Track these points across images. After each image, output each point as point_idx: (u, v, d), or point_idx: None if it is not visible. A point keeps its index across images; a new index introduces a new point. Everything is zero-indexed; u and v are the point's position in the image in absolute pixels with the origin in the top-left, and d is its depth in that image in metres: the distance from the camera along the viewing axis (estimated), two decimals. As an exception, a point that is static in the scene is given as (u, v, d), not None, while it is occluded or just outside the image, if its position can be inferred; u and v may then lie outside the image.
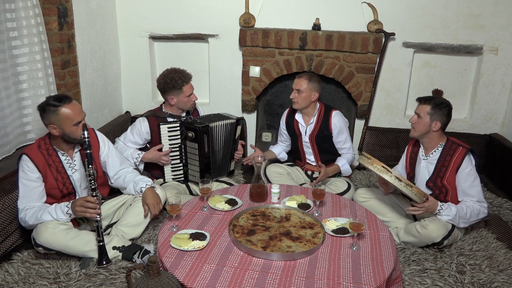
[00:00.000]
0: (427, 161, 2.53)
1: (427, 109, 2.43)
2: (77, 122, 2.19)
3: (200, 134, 2.76)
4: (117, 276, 2.11)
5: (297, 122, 3.09)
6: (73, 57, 3.04)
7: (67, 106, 2.16)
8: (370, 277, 1.77)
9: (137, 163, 2.83)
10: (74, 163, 2.34)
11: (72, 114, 2.16)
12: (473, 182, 2.39)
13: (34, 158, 2.20)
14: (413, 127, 2.51)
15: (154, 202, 2.38)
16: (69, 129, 2.18)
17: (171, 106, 2.89)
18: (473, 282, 2.15)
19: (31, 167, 2.18)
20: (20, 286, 2.02)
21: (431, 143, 2.51)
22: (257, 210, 2.27)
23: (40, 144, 2.26)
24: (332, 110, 3.02)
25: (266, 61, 3.57)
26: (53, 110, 2.14)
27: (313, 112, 3.02)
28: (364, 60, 3.48)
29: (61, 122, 2.15)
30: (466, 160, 2.39)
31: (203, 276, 1.75)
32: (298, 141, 3.12)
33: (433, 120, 2.43)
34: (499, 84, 3.57)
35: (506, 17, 3.39)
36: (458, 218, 2.34)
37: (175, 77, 2.78)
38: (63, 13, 2.87)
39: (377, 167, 2.29)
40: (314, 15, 3.48)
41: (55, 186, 2.26)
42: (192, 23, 3.65)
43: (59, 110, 2.14)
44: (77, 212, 2.13)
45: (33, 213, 2.15)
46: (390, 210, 2.64)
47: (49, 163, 2.25)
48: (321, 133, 3.01)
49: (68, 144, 2.29)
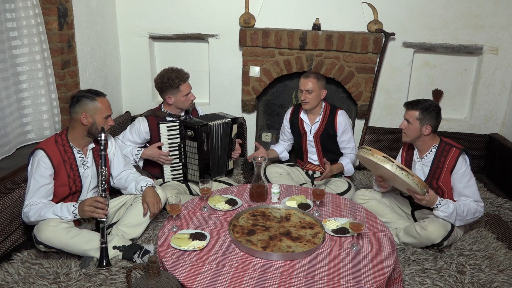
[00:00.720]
0: (422, 163, 2.53)
1: (416, 115, 2.42)
2: (108, 115, 2.33)
3: (200, 132, 2.76)
4: (117, 276, 2.11)
5: (302, 121, 3.10)
6: (73, 57, 3.04)
7: (102, 100, 2.32)
8: (370, 277, 1.77)
9: (136, 160, 2.84)
10: (87, 159, 2.37)
11: (105, 107, 2.32)
12: (468, 182, 2.39)
13: (51, 153, 2.22)
14: (404, 132, 2.50)
15: (154, 200, 2.39)
16: (100, 120, 2.29)
17: (170, 106, 2.89)
18: (473, 282, 2.15)
19: (46, 163, 2.19)
20: (20, 286, 2.02)
21: (424, 145, 2.51)
22: (257, 210, 2.27)
23: (57, 140, 2.29)
24: (338, 109, 3.04)
25: (266, 61, 3.57)
26: (92, 99, 2.27)
27: (319, 111, 3.04)
28: (364, 60, 3.48)
29: (95, 111, 2.26)
30: (460, 161, 2.39)
31: (203, 276, 1.75)
32: (302, 140, 3.13)
33: (423, 125, 2.42)
34: (499, 84, 3.57)
35: (506, 17, 3.39)
36: (455, 216, 2.33)
37: (172, 76, 2.79)
38: (63, 13, 2.87)
39: (378, 157, 2.26)
40: (314, 15, 3.48)
41: (66, 182, 2.27)
42: (192, 23, 3.65)
43: (97, 101, 2.28)
44: (86, 211, 2.14)
45: (37, 210, 2.15)
46: (389, 211, 2.63)
47: (65, 159, 2.27)
48: (326, 132, 3.02)
49: (85, 141, 2.34)
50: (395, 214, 2.63)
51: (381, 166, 2.26)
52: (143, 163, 2.93)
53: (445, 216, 2.33)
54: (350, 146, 3.05)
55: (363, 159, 2.44)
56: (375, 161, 2.27)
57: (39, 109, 2.81)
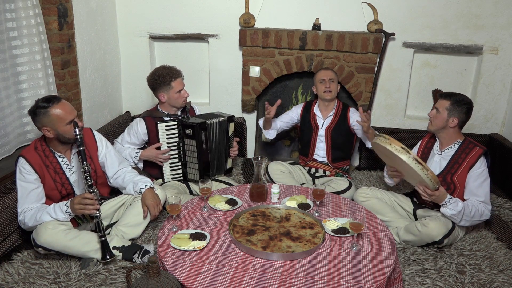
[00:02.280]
0: (441, 156, 2.53)
1: (446, 105, 2.44)
2: (69, 121, 2.16)
3: (198, 130, 2.76)
4: (117, 276, 2.11)
5: (314, 115, 3.16)
6: (73, 57, 3.04)
7: (57, 106, 2.13)
8: (370, 277, 1.77)
9: (136, 162, 2.84)
10: (72, 164, 2.34)
11: (63, 113, 2.14)
12: (483, 183, 2.39)
13: (31, 159, 2.19)
14: (431, 121, 2.52)
15: (154, 203, 2.38)
16: (62, 129, 2.16)
17: (165, 105, 2.89)
18: (473, 282, 2.15)
19: (28, 169, 2.17)
20: (20, 286, 2.02)
21: (447, 138, 2.51)
22: (257, 210, 2.27)
23: (37, 146, 2.25)
24: (349, 107, 3.17)
25: (266, 61, 3.57)
26: (44, 112, 2.11)
27: (332, 106, 3.14)
28: (364, 60, 3.48)
29: (53, 123, 2.14)
30: (480, 161, 2.39)
31: (203, 276, 1.75)
32: (312, 134, 3.16)
33: (451, 116, 2.43)
34: (499, 84, 3.57)
35: (506, 17, 3.39)
36: (462, 215, 2.32)
37: (163, 73, 2.80)
38: (63, 13, 2.87)
39: (396, 147, 2.24)
40: (314, 15, 3.48)
41: (54, 187, 2.26)
42: (192, 23, 3.65)
43: (50, 111, 2.12)
44: (76, 209, 2.13)
45: (32, 215, 2.15)
46: (390, 210, 2.64)
47: (47, 164, 2.24)
48: (338, 126, 3.11)
49: (64, 146, 2.28)
50: (395, 213, 2.63)
51: (398, 156, 2.23)
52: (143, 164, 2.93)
53: (452, 214, 2.31)
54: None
55: (378, 148, 2.42)
56: (392, 151, 2.24)
57: (39, 109, 2.81)
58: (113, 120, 3.64)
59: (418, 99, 3.77)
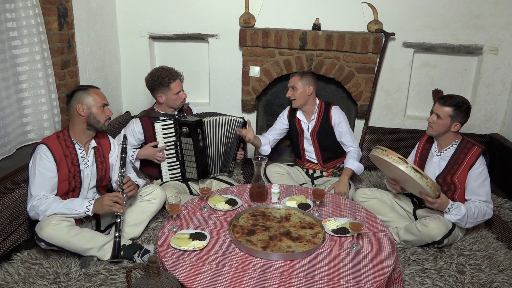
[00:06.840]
0: (440, 157, 2.53)
1: (449, 112, 2.41)
2: (104, 104, 2.33)
3: (194, 128, 2.76)
4: (117, 276, 2.11)
5: (298, 120, 3.11)
6: (73, 57, 3.04)
7: (96, 90, 2.35)
8: (370, 277, 1.77)
9: (133, 161, 2.84)
10: (88, 158, 2.37)
11: (101, 95, 2.34)
12: (484, 182, 2.39)
13: (52, 147, 2.23)
14: (431, 126, 2.48)
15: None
16: (96, 109, 2.28)
17: (162, 105, 2.90)
18: (473, 282, 2.15)
19: (48, 156, 2.21)
20: (20, 286, 2.02)
21: (447, 140, 2.51)
22: (257, 210, 2.27)
23: (59, 135, 2.31)
24: (332, 105, 3.07)
25: (266, 61, 3.57)
26: (85, 89, 2.30)
27: (313, 109, 3.05)
28: (364, 60, 3.48)
29: (90, 101, 2.28)
30: (480, 160, 2.39)
31: (203, 276, 1.75)
32: (299, 138, 3.14)
33: (454, 122, 2.42)
34: (499, 84, 3.57)
35: (506, 17, 3.39)
36: (466, 218, 2.33)
37: (162, 74, 2.80)
38: (63, 13, 2.87)
39: (393, 157, 2.26)
40: (314, 15, 3.48)
41: (66, 178, 2.27)
42: (192, 23, 3.65)
43: (89, 91, 2.30)
44: (105, 205, 2.16)
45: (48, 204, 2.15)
46: (390, 210, 2.64)
47: (66, 153, 2.28)
48: (322, 128, 3.04)
49: (87, 135, 2.34)
50: (395, 213, 2.63)
51: (396, 167, 2.25)
52: (140, 165, 2.93)
53: (458, 219, 2.32)
54: (347, 138, 3.02)
55: (376, 160, 2.43)
56: (390, 162, 2.26)
57: (39, 109, 2.81)
58: (113, 120, 3.62)
59: (418, 99, 3.77)
